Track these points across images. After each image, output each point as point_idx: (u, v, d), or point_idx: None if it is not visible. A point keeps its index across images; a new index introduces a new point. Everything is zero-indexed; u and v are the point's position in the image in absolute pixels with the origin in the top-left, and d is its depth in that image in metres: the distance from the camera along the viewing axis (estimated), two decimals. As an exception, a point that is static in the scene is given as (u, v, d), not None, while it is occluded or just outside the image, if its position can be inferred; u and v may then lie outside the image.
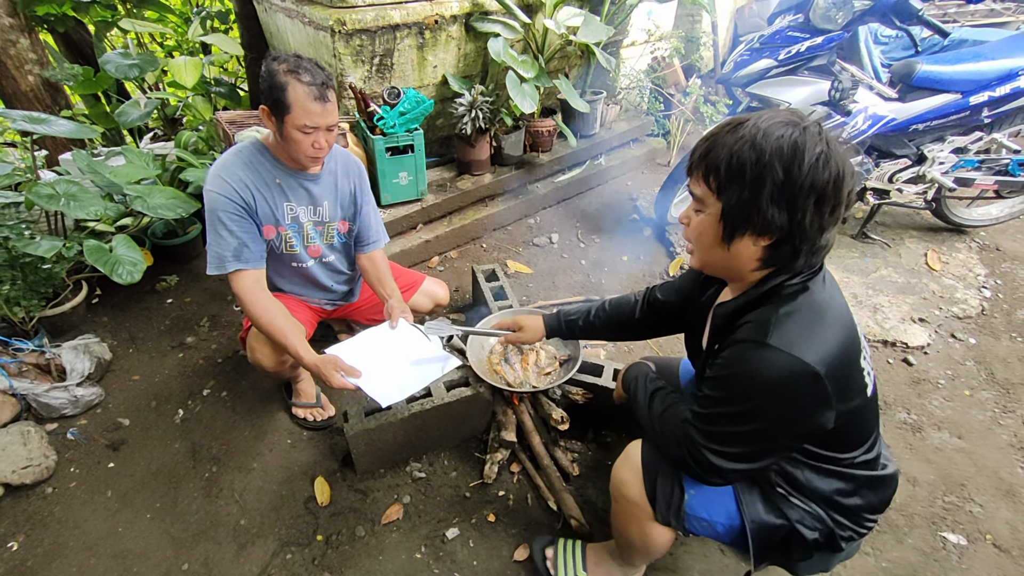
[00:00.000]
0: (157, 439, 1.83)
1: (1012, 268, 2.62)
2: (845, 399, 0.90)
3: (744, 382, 0.90)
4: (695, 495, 1.07)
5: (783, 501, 1.04)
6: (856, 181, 0.86)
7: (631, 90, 3.56)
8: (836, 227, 0.89)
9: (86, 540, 1.54)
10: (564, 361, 1.76)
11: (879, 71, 2.40)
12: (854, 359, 0.92)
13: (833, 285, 0.96)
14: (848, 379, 0.91)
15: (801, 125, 0.85)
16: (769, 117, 0.87)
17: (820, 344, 0.86)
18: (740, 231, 0.89)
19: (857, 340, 0.94)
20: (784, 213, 0.84)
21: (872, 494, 1.04)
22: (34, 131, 1.95)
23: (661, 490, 1.08)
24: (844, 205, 0.86)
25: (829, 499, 1.02)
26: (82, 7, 2.73)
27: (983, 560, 1.49)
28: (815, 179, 0.82)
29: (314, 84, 1.31)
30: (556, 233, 2.90)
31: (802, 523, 1.02)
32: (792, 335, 0.86)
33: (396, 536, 1.54)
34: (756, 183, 0.84)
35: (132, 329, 2.27)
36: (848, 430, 0.97)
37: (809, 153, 0.82)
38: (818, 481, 1.02)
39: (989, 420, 1.90)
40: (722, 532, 1.08)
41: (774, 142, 0.83)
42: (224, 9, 3.45)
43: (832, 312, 0.91)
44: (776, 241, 0.87)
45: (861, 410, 0.96)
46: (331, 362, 1.41)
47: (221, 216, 1.42)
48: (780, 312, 0.89)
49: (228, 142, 2.39)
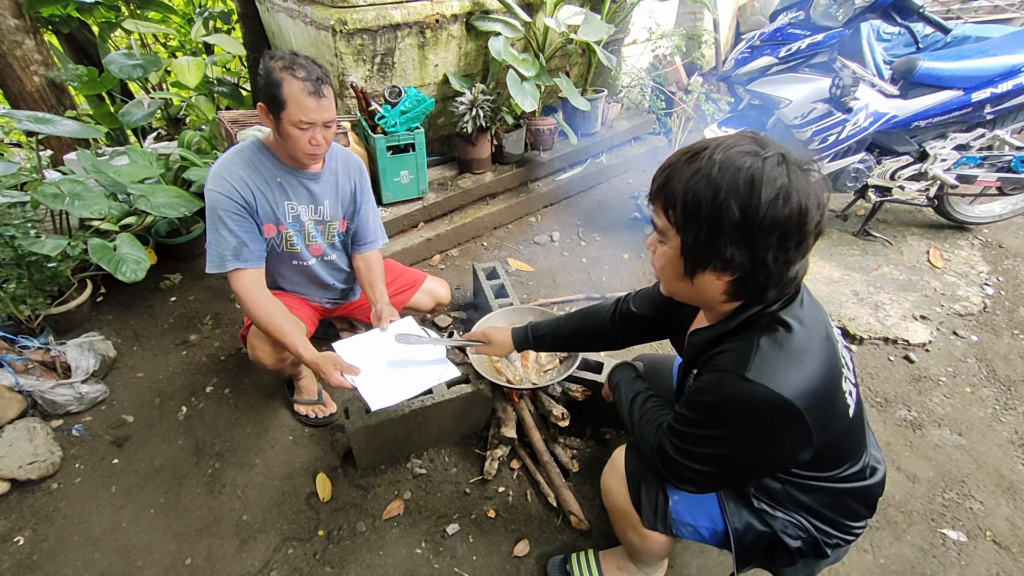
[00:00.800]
0: (161, 436, 1.85)
1: (1014, 265, 2.61)
2: (826, 430, 0.87)
3: (721, 411, 0.88)
4: (679, 501, 1.07)
5: (764, 512, 1.03)
6: (822, 211, 0.80)
7: (632, 88, 3.56)
8: (806, 258, 0.85)
9: (91, 535, 1.56)
10: (564, 358, 1.77)
11: (881, 68, 2.39)
12: (836, 385, 0.89)
13: (812, 305, 0.92)
14: (830, 409, 0.88)
15: (761, 155, 0.79)
16: (728, 146, 0.81)
17: (801, 377, 0.82)
18: (701, 267, 0.85)
19: (838, 363, 0.90)
20: (745, 251, 0.80)
21: (858, 503, 1.02)
22: (39, 131, 1.97)
23: (646, 497, 1.08)
24: (812, 237, 0.81)
25: (812, 510, 1.01)
26: (86, 8, 2.75)
27: (983, 557, 1.49)
28: (775, 216, 0.77)
29: (309, 80, 1.32)
30: (557, 231, 2.91)
31: (785, 532, 1.01)
32: (772, 368, 0.82)
33: (397, 531, 1.56)
34: (713, 222, 0.80)
35: (136, 327, 2.29)
36: (830, 455, 0.96)
37: (767, 189, 0.76)
38: (800, 495, 1.00)
39: (990, 417, 1.90)
40: (708, 536, 1.08)
41: (730, 177, 0.78)
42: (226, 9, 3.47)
43: (812, 339, 0.87)
44: (740, 277, 0.84)
45: (843, 434, 0.94)
46: (330, 360, 1.42)
47: (221, 215, 1.43)
48: (759, 343, 0.85)
49: (231, 141, 2.40)
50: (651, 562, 1.33)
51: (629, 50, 3.60)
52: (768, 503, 1.03)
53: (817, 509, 1.01)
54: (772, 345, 0.85)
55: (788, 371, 0.82)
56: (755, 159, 0.78)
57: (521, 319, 1.87)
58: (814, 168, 0.81)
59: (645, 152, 3.55)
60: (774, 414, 0.82)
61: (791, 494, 1.01)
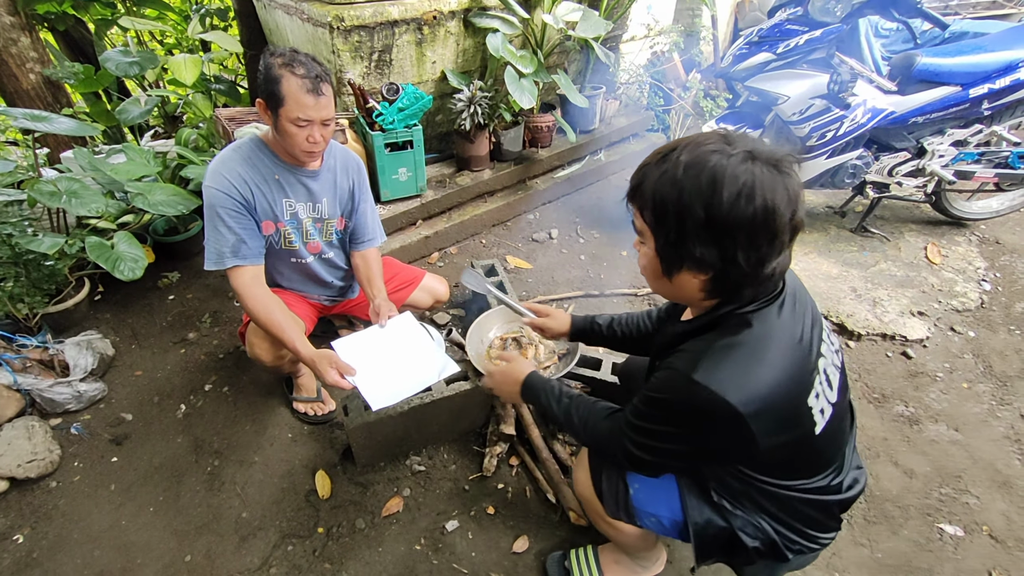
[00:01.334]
0: (160, 434, 1.85)
1: (1011, 261, 2.62)
2: (779, 435, 0.86)
3: (666, 409, 0.90)
4: (640, 489, 1.08)
5: (724, 509, 1.02)
6: (794, 207, 0.78)
7: (630, 85, 3.56)
8: (783, 255, 0.82)
9: (90, 533, 1.56)
10: (563, 355, 1.78)
11: (879, 64, 2.39)
12: (796, 398, 0.86)
13: (793, 314, 0.89)
14: (784, 419, 0.86)
15: (727, 153, 0.78)
16: (695, 145, 0.80)
17: (750, 383, 0.81)
18: (677, 267, 0.85)
19: (804, 380, 0.87)
20: (714, 251, 0.80)
21: (823, 514, 1.00)
22: (36, 129, 1.96)
23: (607, 486, 1.10)
24: (786, 234, 0.79)
25: (772, 514, 1.00)
26: (82, 5, 2.73)
27: (978, 551, 1.50)
28: (738, 216, 0.76)
29: (308, 77, 1.31)
30: (555, 228, 2.91)
31: (743, 531, 1.00)
32: (720, 371, 0.82)
33: (396, 528, 1.56)
34: (680, 223, 0.80)
35: (134, 325, 2.29)
36: (787, 465, 0.95)
37: (729, 188, 0.75)
38: (759, 498, 0.99)
39: (986, 412, 1.91)
40: (669, 527, 1.08)
41: (692, 177, 0.78)
42: (223, 6, 3.46)
43: (776, 349, 0.84)
44: (714, 276, 0.83)
45: (806, 449, 0.92)
46: (327, 358, 1.42)
47: (220, 212, 1.43)
48: (716, 345, 0.85)
49: (228, 139, 2.40)
50: (643, 554, 1.33)
51: (627, 47, 3.59)
52: (728, 500, 1.02)
53: (776, 514, 0.99)
54: (727, 349, 0.84)
55: (739, 376, 0.82)
56: (720, 157, 0.78)
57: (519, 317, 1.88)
58: (787, 164, 0.79)
59: (644, 149, 3.55)
60: (715, 417, 0.82)
61: (751, 496, 1.00)
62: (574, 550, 1.43)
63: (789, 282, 0.94)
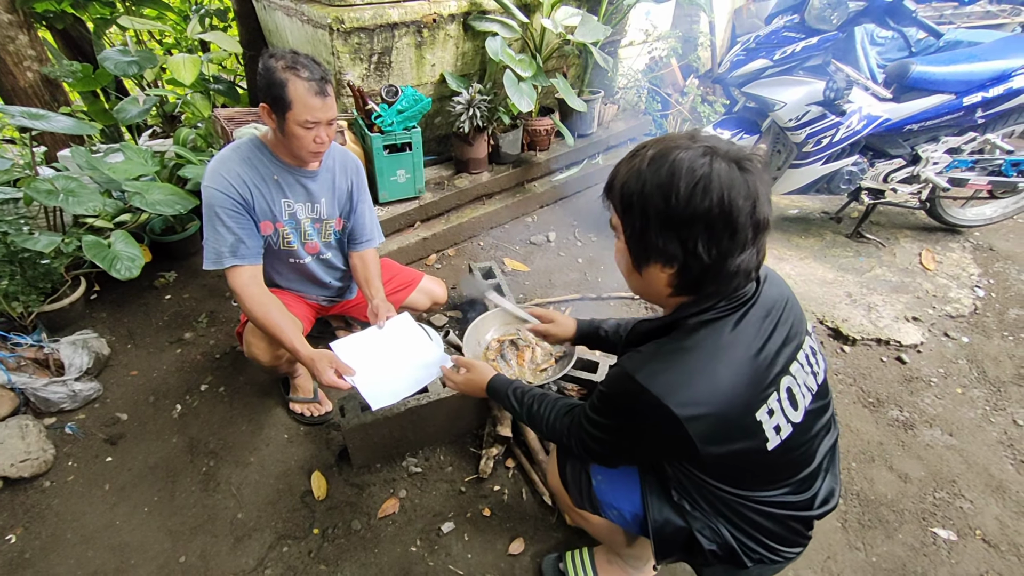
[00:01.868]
0: (155, 434, 1.84)
1: (1005, 268, 2.64)
2: (722, 445, 0.86)
3: (611, 404, 0.94)
4: (602, 481, 1.10)
5: (682, 510, 1.02)
6: (754, 203, 0.79)
7: (629, 90, 3.58)
8: (748, 252, 0.82)
9: (84, 533, 1.55)
10: (560, 357, 1.78)
11: (874, 72, 2.42)
12: (740, 410, 0.85)
13: (754, 327, 0.88)
14: (726, 430, 0.85)
15: (689, 148, 0.80)
16: (662, 141, 0.83)
17: (689, 389, 0.82)
18: (644, 260, 0.87)
19: (756, 393, 0.86)
20: (675, 242, 0.81)
21: (783, 529, 0.98)
22: (33, 127, 1.96)
23: (571, 477, 1.13)
24: (747, 230, 0.79)
25: (730, 520, 0.99)
26: (81, 4, 2.73)
27: (972, 555, 1.51)
28: (694, 208, 0.78)
29: (313, 79, 1.32)
30: (553, 231, 2.92)
31: (701, 533, 0.99)
32: (661, 374, 0.83)
33: (392, 530, 1.56)
34: (642, 215, 0.83)
35: (130, 325, 2.28)
36: (740, 473, 0.94)
37: (686, 180, 0.78)
38: (717, 504, 0.98)
39: (980, 417, 1.92)
40: (630, 520, 1.08)
41: (655, 171, 0.80)
42: (223, 7, 3.46)
43: (724, 359, 0.84)
44: (679, 270, 0.84)
45: (756, 461, 0.91)
46: (326, 358, 1.42)
47: (218, 212, 1.43)
48: (664, 348, 0.87)
49: (227, 139, 2.40)
50: (632, 553, 1.33)
51: (626, 52, 3.62)
52: (688, 501, 1.01)
53: (734, 520, 0.99)
54: (673, 353, 0.86)
55: (676, 381, 0.83)
56: (681, 152, 0.80)
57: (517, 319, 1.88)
58: (748, 161, 0.80)
59: (641, 153, 3.57)
60: (652, 417, 0.84)
61: (708, 500, 0.99)
62: (570, 552, 1.43)
63: (771, 295, 0.93)
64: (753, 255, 0.83)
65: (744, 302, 0.89)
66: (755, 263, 0.85)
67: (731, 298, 0.88)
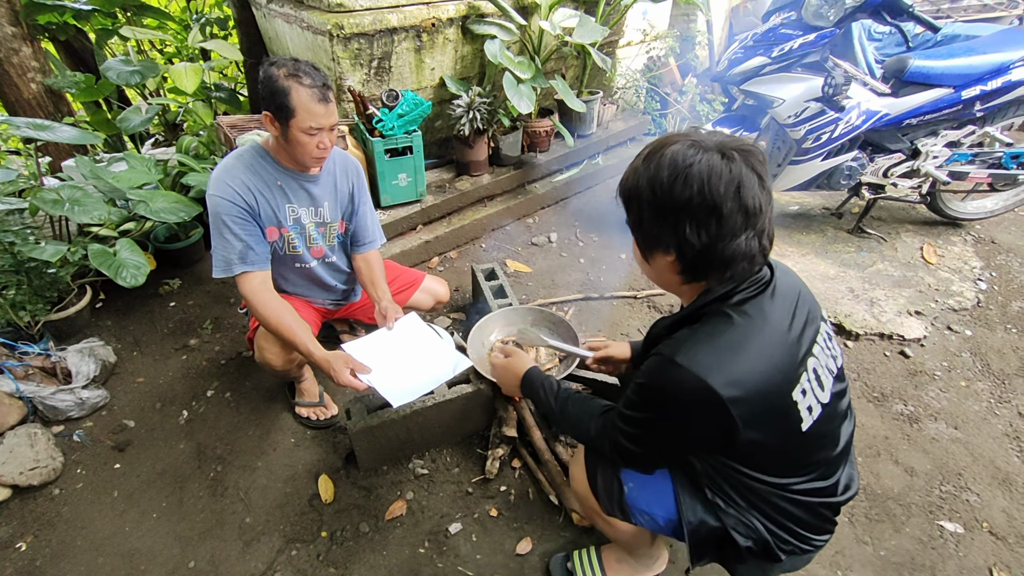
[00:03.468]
0: (162, 440, 1.85)
1: (1007, 260, 2.64)
2: (761, 428, 0.87)
3: (650, 394, 0.93)
4: (634, 488, 1.08)
5: (717, 507, 1.02)
6: (739, 190, 0.81)
7: (627, 90, 3.59)
8: (744, 236, 0.84)
9: (93, 540, 1.56)
10: (563, 358, 1.79)
11: (872, 67, 2.42)
12: (778, 391, 0.87)
13: (781, 308, 0.91)
14: (766, 410, 0.87)
15: (678, 142, 0.85)
16: (663, 139, 0.89)
17: (731, 368, 0.83)
18: (648, 249, 0.93)
19: (788, 373, 0.88)
20: (667, 229, 0.87)
21: (814, 517, 1.00)
22: (38, 138, 1.98)
23: (602, 484, 1.11)
24: (736, 216, 0.82)
25: (764, 512, 1.00)
26: (83, 15, 2.75)
27: (980, 548, 1.51)
28: (676, 197, 0.83)
29: (316, 86, 1.33)
30: (555, 232, 2.92)
31: (736, 529, 1.00)
32: (701, 357, 0.85)
33: (400, 532, 1.56)
34: (639, 207, 0.89)
35: (136, 332, 2.29)
36: (776, 458, 0.95)
37: (667, 170, 0.83)
38: (751, 496, 0.99)
39: (985, 410, 1.92)
40: (663, 525, 1.08)
41: (647, 166, 0.87)
42: (223, 15, 3.48)
43: (758, 340, 0.86)
44: (678, 256, 0.89)
45: (792, 444, 0.93)
46: (342, 358, 1.43)
47: (225, 219, 1.44)
48: (700, 332, 0.89)
49: (229, 146, 2.41)
50: (645, 552, 1.34)
51: (624, 52, 3.63)
52: (722, 498, 1.02)
53: (768, 513, 0.99)
54: (710, 334, 0.88)
55: (718, 360, 0.84)
56: (672, 147, 0.85)
57: (520, 319, 1.89)
58: (735, 151, 0.83)
59: (641, 153, 3.58)
60: (696, 400, 0.85)
61: (742, 493, 1.00)
62: (577, 551, 1.43)
63: (784, 282, 0.96)
64: (752, 239, 0.85)
65: (763, 286, 0.92)
66: (756, 247, 0.87)
67: (749, 282, 0.91)
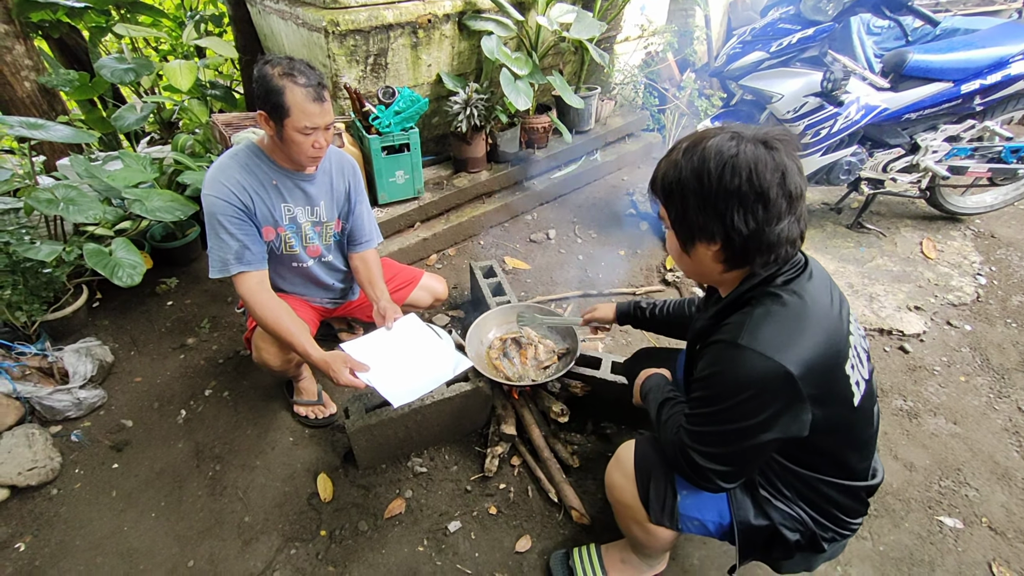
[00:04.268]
0: (160, 439, 1.85)
1: (1007, 255, 2.64)
2: (824, 404, 0.89)
3: (721, 381, 0.92)
4: (687, 496, 1.08)
5: (766, 503, 1.05)
6: (783, 175, 0.85)
7: (625, 85, 3.57)
8: (787, 221, 0.87)
9: (92, 539, 1.55)
10: (562, 355, 1.78)
11: (871, 61, 2.41)
12: (835, 365, 0.91)
13: (821, 287, 0.95)
14: (828, 384, 0.90)
15: (719, 135, 0.88)
16: (697, 134, 0.91)
17: (793, 346, 0.86)
18: (690, 241, 0.94)
19: (841, 347, 0.92)
20: (715, 219, 0.88)
21: (854, 501, 1.05)
22: (32, 136, 1.96)
23: (654, 493, 1.09)
24: (780, 200, 0.85)
25: (812, 503, 1.04)
26: (76, 13, 2.73)
27: (979, 543, 1.51)
28: (726, 186, 0.85)
29: (310, 85, 1.32)
30: (553, 229, 2.92)
31: (784, 525, 1.03)
32: (765, 336, 0.87)
33: (399, 530, 1.56)
34: (682, 199, 0.91)
35: (133, 332, 2.28)
36: (831, 440, 0.96)
37: (715, 161, 0.86)
38: (801, 487, 1.03)
39: (984, 405, 1.92)
40: (713, 530, 1.10)
41: (688, 159, 0.89)
42: (218, 12, 3.46)
43: (812, 316, 0.89)
44: (723, 245, 0.91)
45: (846, 420, 0.95)
46: (340, 358, 1.42)
47: (221, 219, 1.43)
48: (755, 314, 0.90)
49: (225, 144, 2.40)
50: (654, 554, 1.34)
51: (622, 47, 3.61)
52: (771, 491, 1.05)
53: (816, 502, 1.03)
54: (766, 314, 0.89)
55: (782, 339, 0.86)
56: (711, 139, 0.88)
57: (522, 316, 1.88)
58: (773, 140, 0.87)
59: (639, 149, 3.57)
60: (766, 378, 0.85)
61: (792, 484, 1.03)
62: (577, 548, 1.43)
63: (816, 264, 1.00)
64: (794, 223, 0.89)
65: (801, 268, 0.95)
66: (797, 231, 0.90)
67: (789, 265, 0.94)
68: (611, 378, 1.69)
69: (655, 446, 1.13)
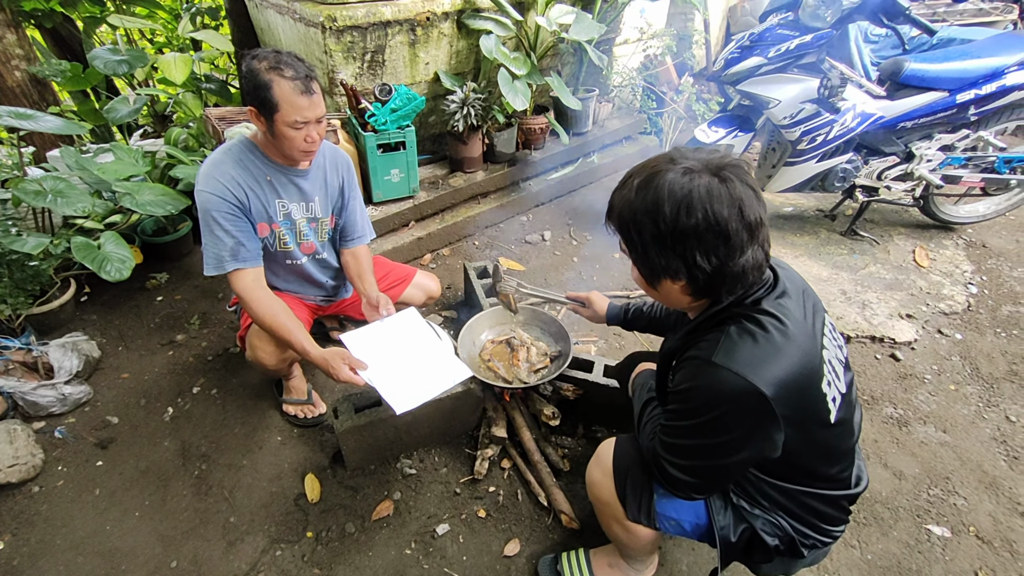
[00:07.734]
0: (146, 437, 1.82)
1: (998, 265, 2.65)
2: (798, 425, 0.89)
3: (696, 396, 0.90)
4: (664, 495, 1.08)
5: (744, 510, 1.06)
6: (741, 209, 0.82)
7: (624, 88, 3.57)
8: (750, 251, 0.85)
9: (73, 539, 1.53)
10: (555, 357, 1.77)
11: (868, 69, 2.42)
12: (811, 384, 0.89)
13: (795, 302, 0.93)
14: (803, 405, 0.89)
15: (671, 171, 0.85)
16: (646, 167, 0.89)
17: (767, 366, 0.84)
18: (655, 277, 0.92)
19: (816, 365, 0.90)
20: (676, 259, 0.87)
21: (834, 509, 1.04)
22: (21, 127, 1.93)
23: (631, 491, 1.10)
24: (741, 233, 0.83)
25: (790, 511, 1.03)
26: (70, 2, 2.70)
27: (966, 552, 1.51)
28: (683, 227, 0.83)
29: (298, 78, 1.30)
30: (548, 230, 2.91)
31: (764, 530, 1.03)
32: (739, 356, 0.85)
33: (386, 532, 1.55)
34: (640, 239, 0.89)
35: (121, 327, 2.25)
36: (808, 456, 0.96)
37: (670, 203, 0.83)
38: (779, 497, 1.03)
39: (973, 414, 1.92)
40: (690, 531, 1.10)
41: (642, 198, 0.86)
42: (214, 5, 3.43)
43: (788, 336, 0.87)
44: (688, 281, 0.89)
45: (822, 437, 0.94)
46: (340, 355, 1.39)
47: (215, 216, 1.41)
48: (729, 331, 0.89)
49: (218, 139, 2.37)
50: (640, 558, 1.33)
51: (620, 50, 3.61)
52: (746, 500, 1.05)
53: (792, 510, 1.03)
54: (741, 333, 0.88)
55: (756, 358, 0.85)
56: (662, 176, 0.85)
57: (513, 317, 1.87)
58: (728, 170, 0.84)
59: (636, 152, 3.57)
60: (739, 397, 0.84)
61: (769, 495, 1.02)
62: (566, 553, 1.42)
63: (789, 277, 0.98)
64: (757, 252, 0.87)
65: (772, 285, 0.94)
66: (762, 256, 0.89)
67: (757, 284, 0.92)
68: (603, 381, 1.68)
69: (635, 444, 1.14)
